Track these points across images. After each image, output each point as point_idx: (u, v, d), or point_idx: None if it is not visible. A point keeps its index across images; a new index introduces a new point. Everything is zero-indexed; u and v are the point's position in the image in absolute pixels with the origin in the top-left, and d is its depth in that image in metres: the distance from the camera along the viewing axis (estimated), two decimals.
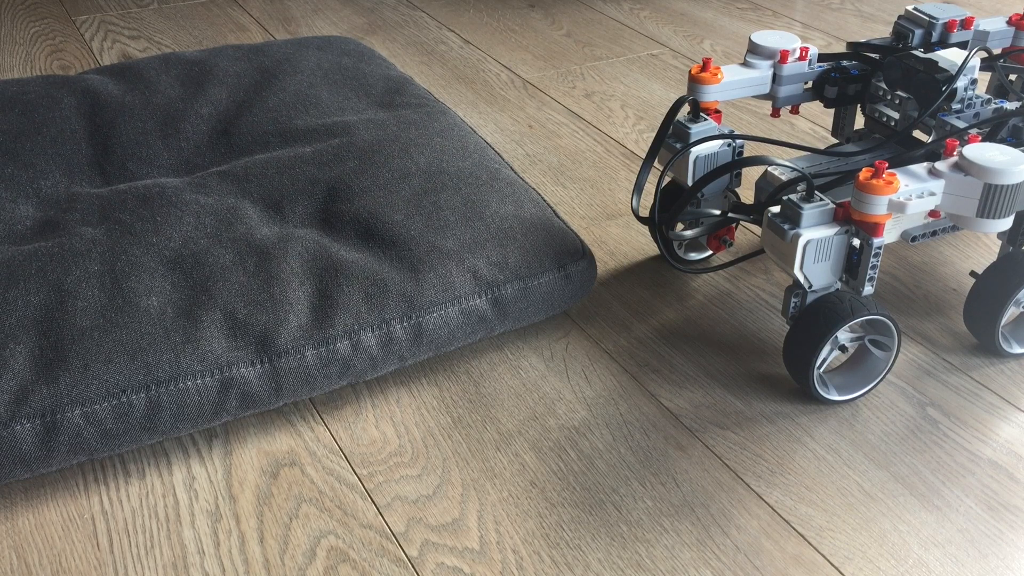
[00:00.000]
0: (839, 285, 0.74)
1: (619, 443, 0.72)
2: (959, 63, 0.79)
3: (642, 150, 1.13)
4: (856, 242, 0.71)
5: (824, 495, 0.68)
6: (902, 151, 0.81)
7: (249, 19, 1.48)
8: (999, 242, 0.98)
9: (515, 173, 0.92)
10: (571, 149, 1.13)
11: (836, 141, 1.09)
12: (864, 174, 0.67)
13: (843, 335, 0.72)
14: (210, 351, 0.69)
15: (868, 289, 0.71)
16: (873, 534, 0.66)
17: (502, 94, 1.26)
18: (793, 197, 0.70)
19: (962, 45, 0.90)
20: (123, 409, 0.66)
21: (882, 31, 1.51)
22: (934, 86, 0.79)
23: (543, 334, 0.83)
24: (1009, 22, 0.92)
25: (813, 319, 0.71)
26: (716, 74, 0.82)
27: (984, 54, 0.89)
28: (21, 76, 1.20)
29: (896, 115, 0.86)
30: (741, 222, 0.78)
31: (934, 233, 0.77)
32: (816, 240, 0.69)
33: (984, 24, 0.92)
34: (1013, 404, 0.77)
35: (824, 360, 0.73)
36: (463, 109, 1.22)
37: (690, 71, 0.83)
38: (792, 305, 0.73)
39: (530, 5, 1.57)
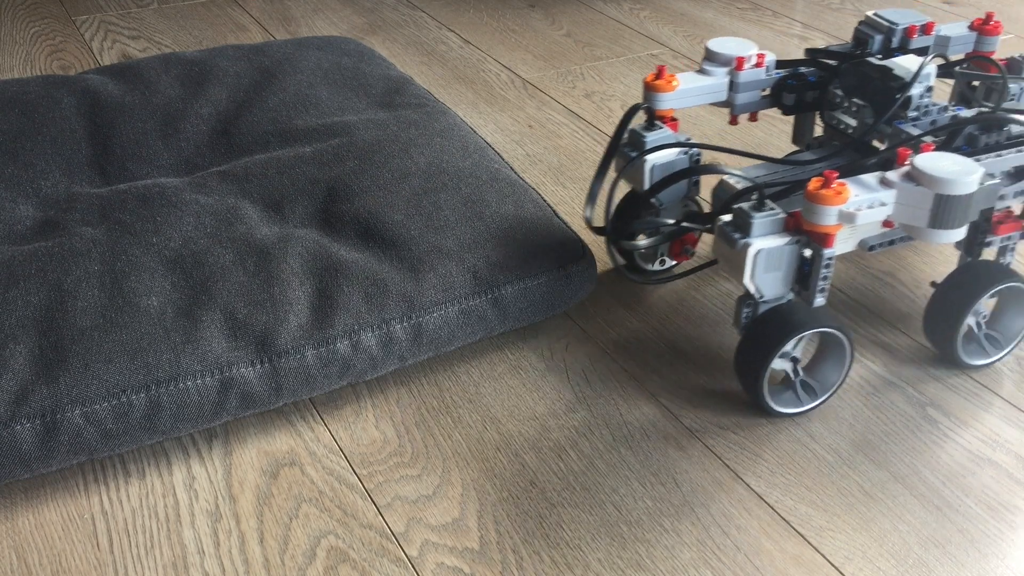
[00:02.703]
0: (791, 296, 0.72)
1: (619, 443, 0.72)
2: (914, 70, 0.78)
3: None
4: (808, 252, 0.70)
5: (824, 495, 0.68)
6: (858, 159, 0.80)
7: (249, 19, 1.48)
8: None
9: (515, 173, 0.92)
10: (571, 149, 1.13)
11: (796, 148, 1.07)
12: (814, 184, 0.66)
13: (791, 346, 0.71)
14: (210, 351, 0.69)
15: (819, 300, 0.70)
16: (873, 534, 0.66)
17: (502, 94, 1.26)
18: (744, 206, 0.69)
19: (923, 51, 0.89)
20: (123, 409, 0.66)
21: None
22: (888, 93, 0.78)
23: (543, 334, 0.83)
24: (971, 27, 0.90)
25: (764, 330, 0.70)
26: (671, 82, 0.81)
27: (941, 60, 0.87)
28: (21, 76, 1.20)
29: (854, 122, 0.84)
30: (701, 231, 0.77)
31: (891, 242, 0.77)
32: (766, 250, 0.67)
33: (945, 29, 0.90)
34: (1013, 404, 0.77)
35: (791, 369, 0.72)
36: (463, 109, 1.22)
37: (645, 79, 0.81)
38: (744, 315, 0.72)
39: (530, 5, 1.57)
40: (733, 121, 0.87)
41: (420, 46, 1.41)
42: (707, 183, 1.01)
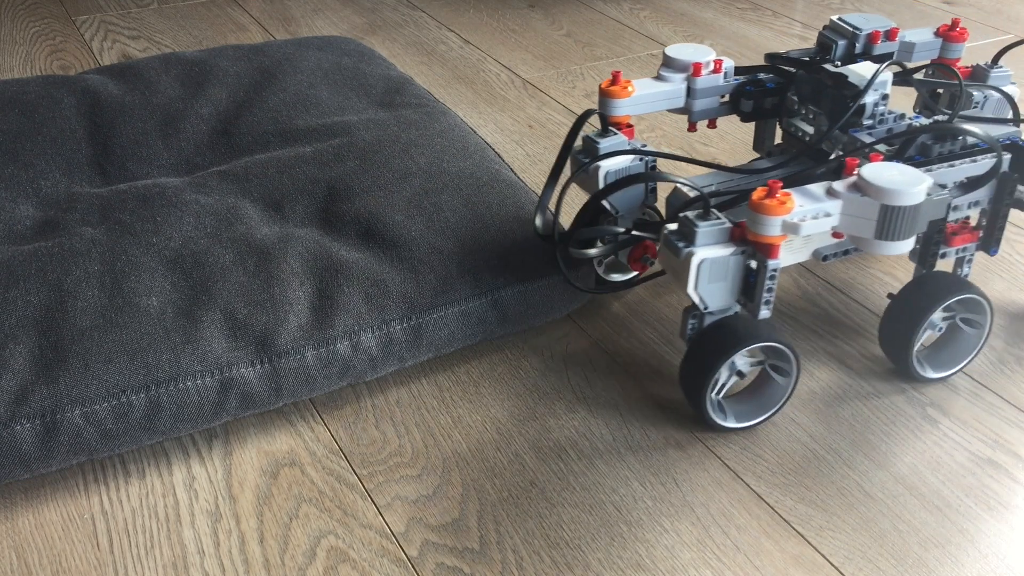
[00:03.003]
0: (738, 308, 0.71)
1: (619, 443, 0.72)
2: (869, 77, 0.77)
3: None
4: (754, 263, 0.68)
5: (824, 495, 0.68)
6: (812, 167, 0.78)
7: (249, 19, 1.48)
8: None
9: (515, 175, 0.92)
10: None
11: (757, 155, 1.07)
12: (758, 194, 0.64)
13: (740, 360, 0.70)
14: (210, 351, 0.70)
15: (764, 312, 0.68)
16: (873, 534, 0.66)
17: (502, 94, 1.26)
18: (689, 214, 0.67)
19: (886, 57, 0.87)
20: (123, 409, 0.66)
21: None
22: (842, 101, 0.76)
23: (543, 334, 0.83)
24: (937, 33, 0.89)
25: (709, 342, 0.69)
26: (626, 87, 0.80)
27: (897, 68, 0.87)
28: (21, 76, 1.20)
29: (811, 130, 0.83)
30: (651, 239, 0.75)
31: (846, 252, 0.75)
32: (711, 260, 0.66)
33: (910, 35, 0.88)
34: (1013, 404, 0.77)
35: (723, 385, 0.71)
36: (463, 109, 1.22)
37: (600, 85, 0.80)
38: (689, 327, 0.70)
39: (530, 5, 1.57)
40: (691, 128, 0.86)
41: (420, 46, 1.41)
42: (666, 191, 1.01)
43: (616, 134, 0.79)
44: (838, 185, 0.66)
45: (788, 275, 0.91)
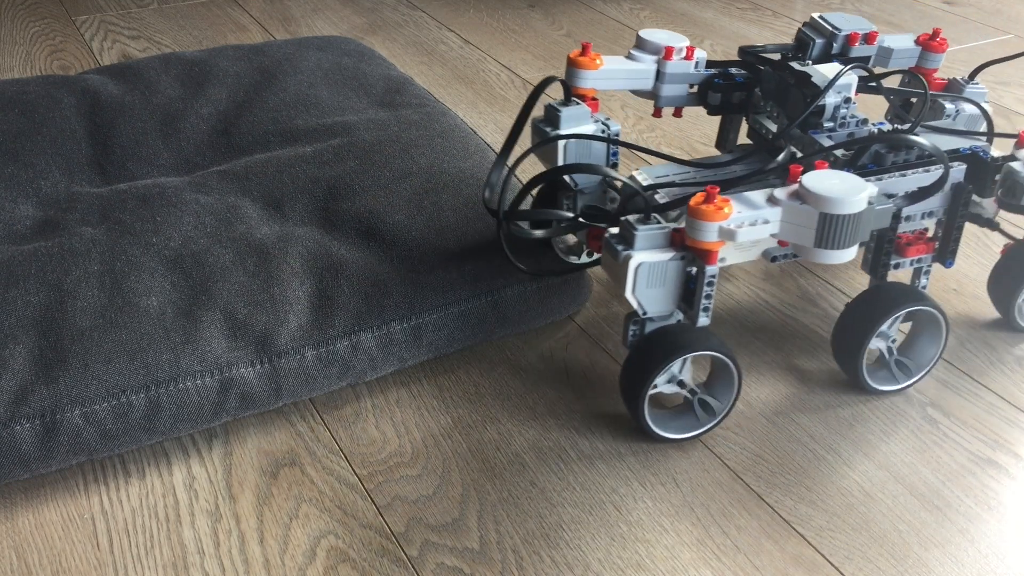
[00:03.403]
0: (680, 316, 0.70)
1: (619, 443, 0.72)
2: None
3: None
4: (694, 269, 0.67)
5: (824, 495, 0.68)
6: (761, 166, 0.75)
7: (249, 19, 1.48)
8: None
9: (515, 175, 0.92)
10: None
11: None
12: (696, 199, 0.64)
13: (678, 367, 0.69)
14: (210, 351, 0.69)
15: (703, 320, 0.67)
16: (873, 534, 0.66)
17: (502, 94, 1.26)
18: (630, 218, 0.66)
19: (864, 60, 0.85)
20: (123, 409, 0.66)
21: (882, 31, 1.51)
22: (803, 101, 0.75)
23: (543, 334, 0.83)
24: (917, 41, 0.87)
25: (649, 349, 0.68)
26: (595, 60, 0.78)
27: (863, 71, 0.82)
28: (21, 76, 1.20)
29: (775, 127, 0.81)
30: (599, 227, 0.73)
31: (796, 255, 0.74)
32: (649, 264, 0.65)
33: (889, 41, 0.86)
34: (1013, 404, 0.77)
35: (676, 392, 0.70)
36: (463, 109, 1.22)
37: (569, 55, 0.79)
38: (631, 332, 0.69)
39: (530, 5, 1.57)
40: (656, 113, 0.84)
41: (420, 46, 1.41)
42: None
43: (579, 104, 0.77)
44: (779, 192, 0.65)
45: (789, 274, 0.91)
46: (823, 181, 0.64)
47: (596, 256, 0.84)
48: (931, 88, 0.87)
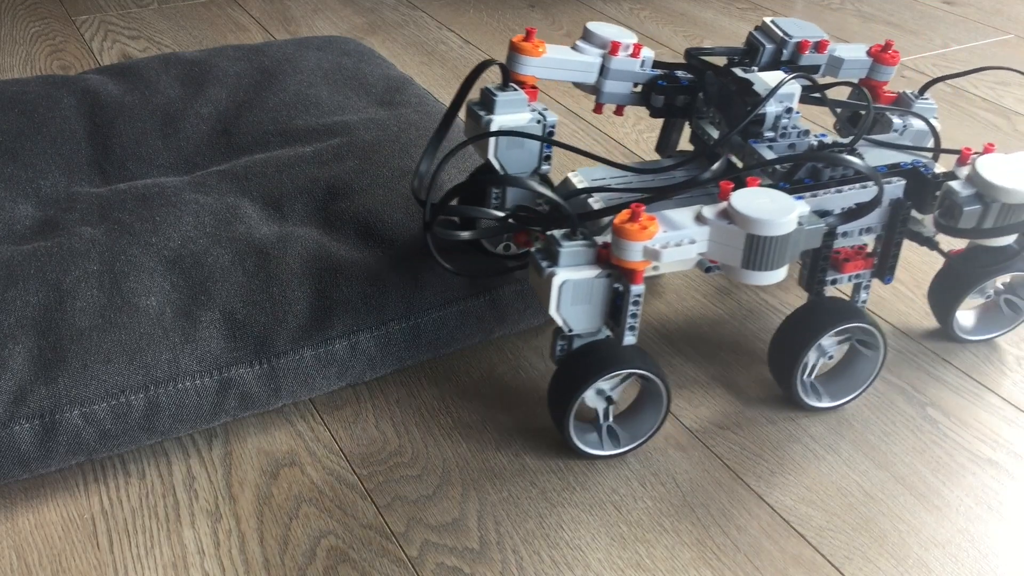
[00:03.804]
0: (607, 332, 0.68)
1: None
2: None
3: (643, 150, 1.13)
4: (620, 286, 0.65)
5: (824, 495, 0.68)
6: (695, 175, 0.72)
7: (249, 19, 1.48)
8: None
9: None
10: None
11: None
12: (620, 217, 0.61)
13: (608, 385, 0.68)
14: (209, 351, 0.69)
15: (629, 339, 0.65)
16: (873, 534, 0.66)
17: None
18: (555, 233, 0.64)
19: (813, 69, 0.83)
20: (122, 409, 0.66)
21: (882, 31, 1.51)
22: (740, 109, 0.73)
23: (543, 334, 0.83)
24: (869, 53, 0.85)
25: (576, 366, 0.66)
26: (538, 47, 0.75)
27: (806, 81, 0.80)
28: (21, 76, 1.20)
29: (716, 134, 0.79)
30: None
31: None
32: (573, 282, 0.63)
33: (841, 51, 0.84)
34: (1013, 404, 0.77)
35: (602, 410, 0.69)
36: (462, 109, 1.22)
37: (512, 39, 0.76)
38: (558, 348, 0.68)
39: (530, 5, 1.57)
40: (597, 109, 0.82)
41: (420, 46, 1.41)
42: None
43: (516, 90, 0.74)
44: (707, 211, 0.63)
45: (788, 274, 0.91)
46: (752, 201, 0.62)
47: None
48: (880, 101, 0.84)
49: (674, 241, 0.62)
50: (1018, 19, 1.58)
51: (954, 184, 0.70)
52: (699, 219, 0.63)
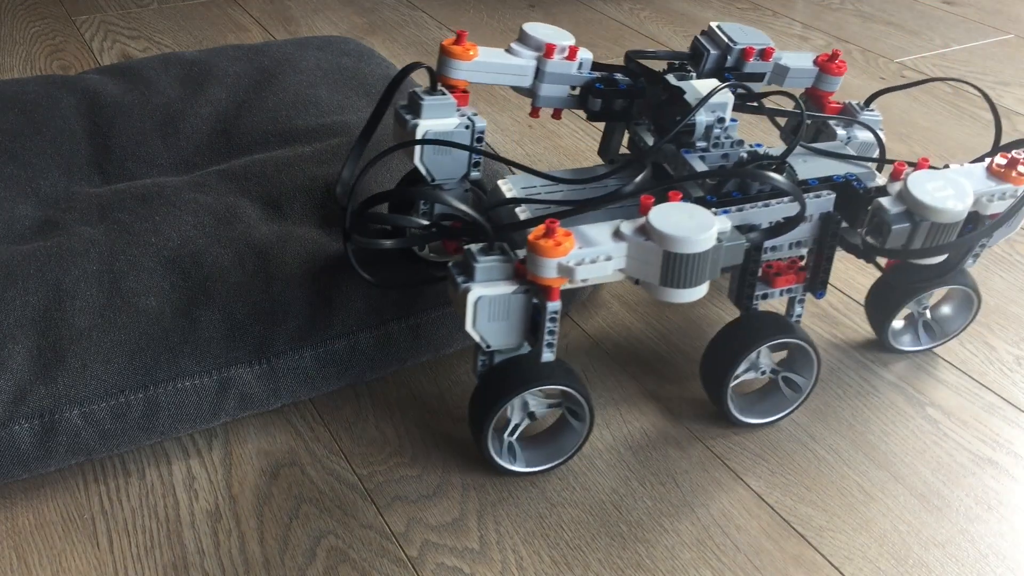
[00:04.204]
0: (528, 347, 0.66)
1: (619, 443, 0.72)
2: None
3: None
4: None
5: (824, 495, 0.68)
6: (619, 187, 0.68)
7: (249, 19, 1.48)
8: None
9: (515, 175, 0.92)
10: (571, 149, 1.13)
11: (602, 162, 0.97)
12: (535, 233, 0.59)
13: (533, 401, 0.67)
14: (208, 351, 0.69)
15: (548, 355, 0.64)
16: (873, 534, 0.66)
17: (502, 94, 1.26)
18: (472, 247, 0.62)
19: (757, 77, 0.81)
20: (121, 409, 0.66)
21: (882, 31, 1.51)
22: (673, 117, 0.71)
23: None
24: (815, 62, 0.83)
25: (494, 382, 0.65)
26: (469, 50, 0.73)
27: (741, 89, 0.76)
28: (21, 76, 1.20)
29: (651, 141, 0.76)
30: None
31: None
32: (488, 298, 0.61)
33: (787, 59, 0.82)
34: (1013, 404, 0.77)
35: (517, 425, 0.67)
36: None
37: (442, 43, 0.74)
38: (480, 362, 0.66)
39: (530, 5, 1.57)
40: (534, 113, 0.79)
41: (420, 46, 1.41)
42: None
43: (445, 95, 0.72)
44: (625, 227, 0.61)
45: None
46: (670, 217, 0.60)
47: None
48: (826, 112, 0.81)
49: (589, 258, 0.60)
50: (1018, 19, 1.58)
51: (884, 201, 0.67)
52: (617, 235, 0.61)
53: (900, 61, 1.40)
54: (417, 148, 0.71)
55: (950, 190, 0.66)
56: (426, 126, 0.71)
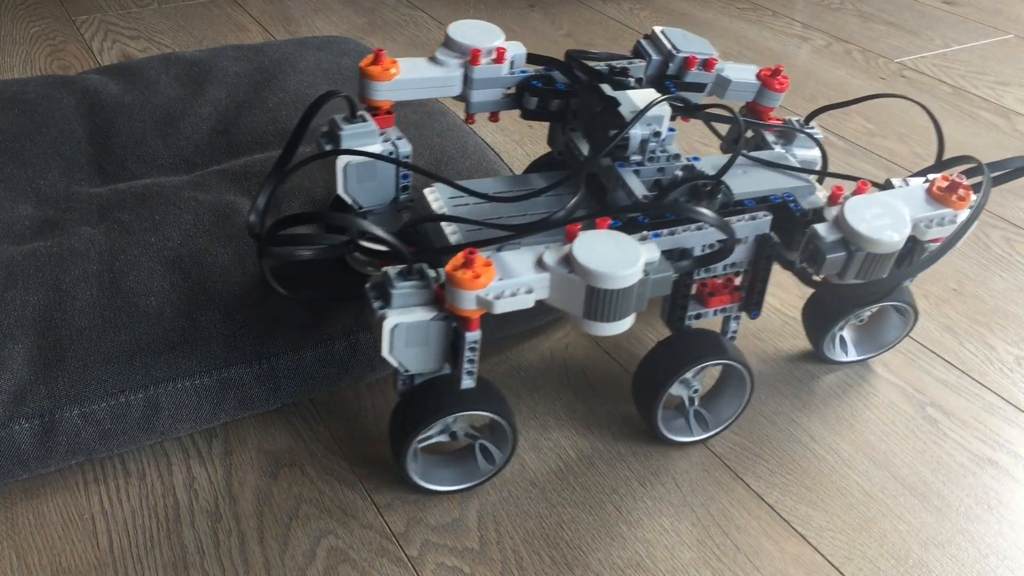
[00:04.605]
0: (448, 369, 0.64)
1: (619, 443, 0.72)
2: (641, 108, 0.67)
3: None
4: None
5: (824, 495, 0.68)
6: (545, 217, 0.66)
7: (249, 19, 1.48)
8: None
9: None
10: None
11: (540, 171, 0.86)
12: (454, 263, 0.57)
13: (458, 425, 0.65)
14: (208, 351, 0.69)
15: (467, 382, 0.62)
16: (873, 534, 0.66)
17: None
18: (390, 270, 0.59)
19: (698, 87, 0.79)
20: (121, 409, 0.66)
21: (882, 31, 1.51)
22: (607, 130, 0.68)
23: (543, 334, 0.83)
24: (758, 76, 0.80)
25: (413, 405, 0.63)
26: (389, 69, 0.70)
27: (679, 103, 0.73)
28: (21, 76, 1.20)
29: (586, 149, 0.72)
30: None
31: None
32: (406, 325, 0.58)
33: (729, 71, 0.79)
34: (1013, 404, 0.77)
35: (435, 441, 0.66)
36: (462, 109, 1.22)
37: (360, 63, 0.70)
38: (400, 382, 0.64)
39: (530, 5, 1.57)
40: (469, 120, 0.76)
41: (420, 46, 1.41)
42: None
43: (365, 121, 0.68)
44: (549, 256, 0.58)
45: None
46: (594, 248, 0.57)
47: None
48: (767, 129, 0.79)
49: (509, 290, 0.57)
50: (1018, 19, 1.58)
51: (819, 228, 0.64)
52: (540, 264, 0.58)
53: (900, 61, 1.40)
54: (340, 178, 0.68)
55: (888, 219, 0.63)
56: (346, 157, 0.67)
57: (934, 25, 1.55)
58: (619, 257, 0.57)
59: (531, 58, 0.75)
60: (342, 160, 0.67)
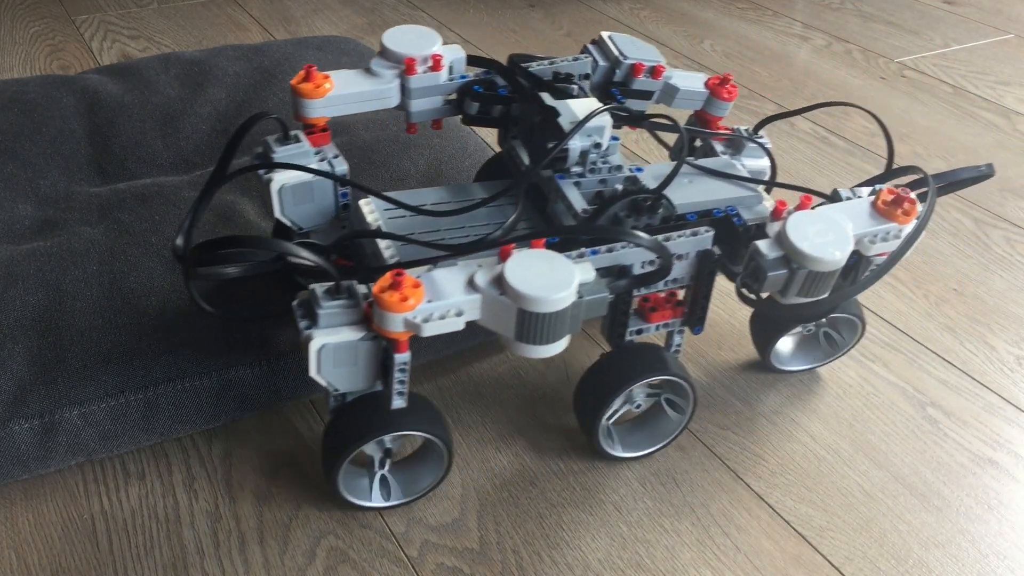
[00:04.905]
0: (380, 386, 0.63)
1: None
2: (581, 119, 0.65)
3: (643, 151, 1.13)
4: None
5: (824, 495, 0.68)
6: (484, 237, 0.64)
7: (249, 19, 1.48)
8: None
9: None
10: None
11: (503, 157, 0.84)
12: (380, 284, 0.55)
13: (391, 441, 0.64)
14: (208, 352, 0.69)
15: (398, 403, 0.61)
16: (873, 534, 0.66)
17: None
18: (317, 288, 0.57)
19: (645, 95, 0.77)
20: (121, 410, 0.66)
21: (882, 31, 1.51)
22: (546, 141, 0.66)
23: None
24: (707, 84, 0.78)
25: (344, 423, 0.62)
26: (321, 85, 0.68)
27: (622, 112, 0.72)
28: (21, 76, 1.20)
29: (526, 158, 0.71)
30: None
31: None
32: (332, 345, 0.57)
33: (677, 79, 0.77)
34: (1013, 404, 0.77)
35: (378, 459, 0.65)
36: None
37: (291, 81, 0.68)
38: (332, 400, 0.63)
39: (530, 5, 1.57)
40: (410, 129, 0.73)
41: None
42: None
43: (300, 141, 0.67)
44: (480, 277, 0.57)
45: None
46: (527, 270, 0.55)
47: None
48: (713, 138, 0.76)
49: (438, 313, 0.56)
50: (1018, 19, 1.58)
51: (761, 244, 0.62)
52: (471, 285, 0.57)
53: (900, 61, 1.40)
54: (276, 201, 0.66)
55: (831, 235, 0.61)
56: (281, 180, 0.65)
57: (934, 25, 1.55)
58: (552, 279, 0.55)
59: (472, 60, 0.73)
60: (276, 183, 0.65)
